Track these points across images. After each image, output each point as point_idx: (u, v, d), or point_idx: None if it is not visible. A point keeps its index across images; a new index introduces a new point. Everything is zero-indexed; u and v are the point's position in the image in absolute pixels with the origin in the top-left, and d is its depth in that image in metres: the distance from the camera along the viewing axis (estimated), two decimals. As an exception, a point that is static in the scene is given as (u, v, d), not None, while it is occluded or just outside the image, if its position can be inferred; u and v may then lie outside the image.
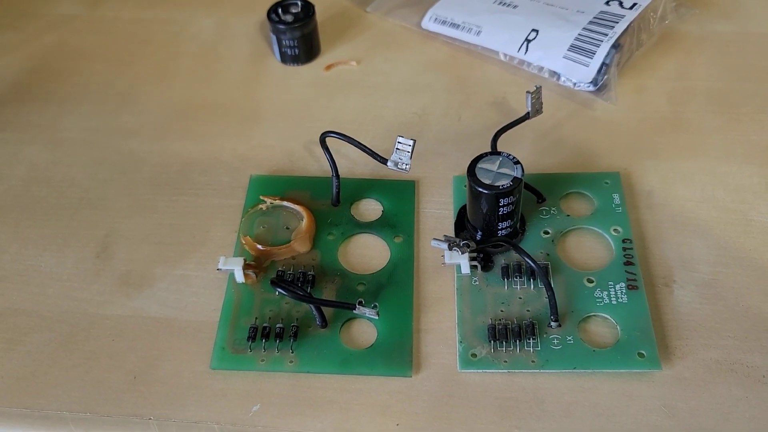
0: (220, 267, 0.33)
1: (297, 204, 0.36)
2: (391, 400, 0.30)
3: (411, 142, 0.34)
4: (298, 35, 0.43)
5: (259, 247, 0.35)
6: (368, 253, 0.35)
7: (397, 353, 0.31)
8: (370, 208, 0.37)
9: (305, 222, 0.36)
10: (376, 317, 0.32)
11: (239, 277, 0.33)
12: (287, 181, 0.38)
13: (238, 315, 0.33)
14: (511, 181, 0.32)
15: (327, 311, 0.32)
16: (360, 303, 0.32)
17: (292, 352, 0.31)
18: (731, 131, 0.39)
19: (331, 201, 0.37)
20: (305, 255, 0.35)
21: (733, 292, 0.33)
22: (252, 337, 0.32)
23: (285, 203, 0.37)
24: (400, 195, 0.37)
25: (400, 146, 0.34)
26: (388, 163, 0.34)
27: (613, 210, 0.35)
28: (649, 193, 0.37)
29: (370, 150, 0.35)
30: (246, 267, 0.33)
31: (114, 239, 0.36)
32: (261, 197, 0.37)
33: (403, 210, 0.37)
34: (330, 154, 0.36)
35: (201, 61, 0.46)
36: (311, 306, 0.32)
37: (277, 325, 0.32)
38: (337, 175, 0.36)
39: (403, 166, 0.34)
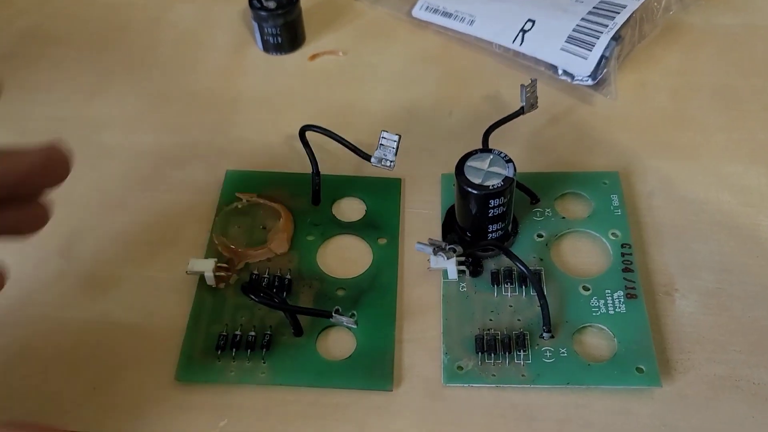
0: (188, 270, 0.31)
1: (275, 202, 0.35)
2: (370, 416, 0.29)
3: (396, 138, 0.33)
4: (281, 23, 0.42)
5: (233, 247, 0.33)
6: (349, 255, 0.34)
7: (378, 365, 0.30)
8: (352, 208, 0.36)
9: (283, 221, 0.34)
10: (354, 326, 0.30)
11: (209, 280, 0.32)
12: (265, 177, 0.37)
13: (208, 322, 0.31)
14: (502, 180, 0.31)
15: (303, 319, 0.31)
16: (336, 311, 0.30)
17: (264, 363, 0.30)
18: (737, 129, 0.38)
19: (310, 199, 0.35)
20: (282, 257, 0.33)
21: (739, 302, 0.32)
22: (221, 347, 0.30)
23: (262, 201, 0.35)
24: (385, 194, 0.36)
25: (384, 141, 0.33)
26: (372, 160, 0.33)
27: (612, 212, 0.34)
28: (650, 195, 0.36)
29: (353, 145, 0.34)
30: (217, 270, 0.32)
31: (79, 238, 0.35)
32: (237, 195, 0.35)
33: (387, 210, 0.35)
34: (310, 150, 0.35)
35: (180, 49, 0.44)
36: (286, 314, 0.30)
37: (249, 334, 0.31)
38: (318, 172, 0.35)
39: (387, 163, 0.33)
